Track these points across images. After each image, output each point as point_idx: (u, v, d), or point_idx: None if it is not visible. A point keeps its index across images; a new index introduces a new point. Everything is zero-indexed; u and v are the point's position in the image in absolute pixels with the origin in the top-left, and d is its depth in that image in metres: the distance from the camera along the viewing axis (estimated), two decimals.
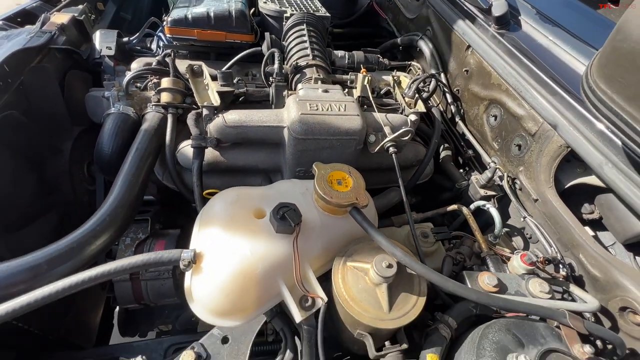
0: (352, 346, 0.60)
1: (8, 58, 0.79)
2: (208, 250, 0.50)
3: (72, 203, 0.95)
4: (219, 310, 0.49)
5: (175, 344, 0.87)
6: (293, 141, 0.71)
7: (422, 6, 1.23)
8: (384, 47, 1.40)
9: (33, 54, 0.87)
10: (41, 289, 0.44)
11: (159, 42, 1.26)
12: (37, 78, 0.85)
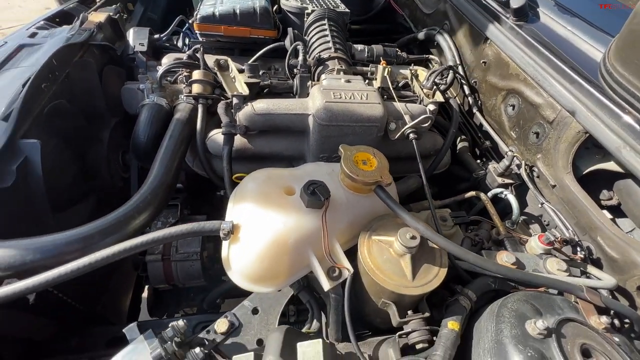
0: (375, 319, 0.64)
1: (56, 52, 0.86)
2: (244, 223, 0.55)
3: (108, 188, 1.02)
4: (255, 276, 0.53)
5: (202, 322, 0.91)
6: (318, 128, 0.75)
7: (439, 1, 1.25)
8: (401, 42, 1.43)
9: (76, 49, 0.94)
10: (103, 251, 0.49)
11: (185, 39, 1.33)
12: (80, 71, 0.92)
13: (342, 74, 0.86)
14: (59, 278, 0.48)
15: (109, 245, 0.62)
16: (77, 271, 0.48)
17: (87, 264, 0.48)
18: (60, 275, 0.48)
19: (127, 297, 1.23)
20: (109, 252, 0.49)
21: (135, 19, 1.47)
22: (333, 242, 0.56)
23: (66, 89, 0.91)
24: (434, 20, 1.29)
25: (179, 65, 0.97)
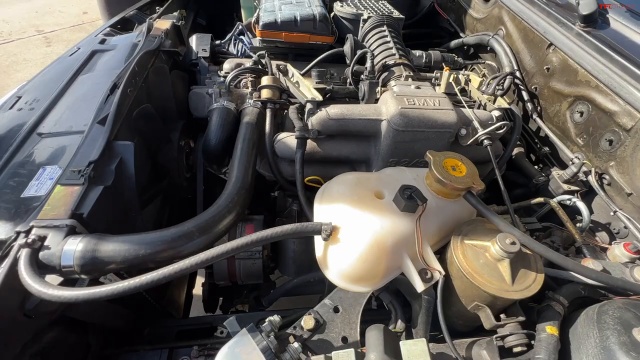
0: (457, 321, 0.65)
1: (138, 59, 0.92)
2: (342, 224, 0.57)
3: (174, 188, 1.07)
4: (354, 276, 0.56)
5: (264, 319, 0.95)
6: (392, 133, 0.77)
7: (492, 6, 1.25)
8: (448, 46, 1.43)
9: (151, 56, 0.99)
10: (220, 247, 0.53)
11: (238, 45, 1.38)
12: (156, 76, 0.97)
13: (411, 80, 0.88)
14: (182, 271, 0.51)
15: (205, 243, 0.67)
16: (196, 265, 0.52)
17: (206, 259, 0.52)
18: (182, 269, 0.51)
19: (183, 292, 1.28)
20: (225, 248, 0.53)
21: (187, 25, 1.53)
22: (425, 245, 0.58)
23: (144, 93, 0.96)
24: (486, 26, 1.29)
25: (246, 71, 1.01)
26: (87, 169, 0.68)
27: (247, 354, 0.56)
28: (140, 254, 0.59)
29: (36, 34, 3.83)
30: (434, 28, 1.66)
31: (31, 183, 0.73)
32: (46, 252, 0.57)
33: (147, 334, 0.91)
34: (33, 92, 0.99)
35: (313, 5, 1.16)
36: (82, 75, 1.06)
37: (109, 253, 0.58)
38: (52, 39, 3.75)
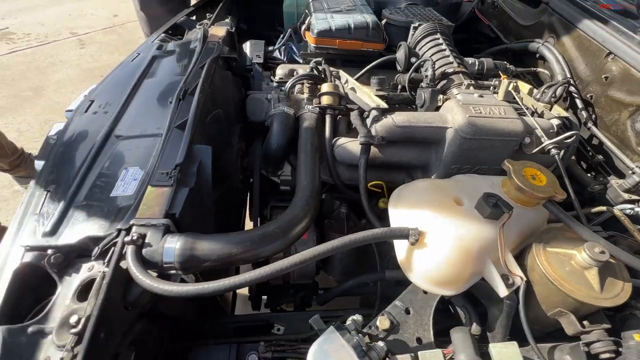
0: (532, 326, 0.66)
1: (208, 66, 0.96)
2: (427, 229, 0.60)
3: (232, 191, 1.11)
4: (440, 280, 0.58)
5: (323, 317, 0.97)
6: (459, 141, 0.79)
7: (542, 14, 1.26)
8: (489, 52, 1.44)
9: (214, 62, 1.04)
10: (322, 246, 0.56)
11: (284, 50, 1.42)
12: (220, 82, 1.01)
13: (472, 88, 0.90)
14: (286, 269, 0.55)
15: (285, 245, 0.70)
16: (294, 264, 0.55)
17: (308, 257, 0.55)
18: (284, 267, 0.54)
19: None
20: (325, 248, 0.56)
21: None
22: (507, 252, 0.60)
23: (209, 98, 1.00)
24: (533, 33, 1.30)
25: (305, 77, 1.05)
26: (175, 171, 0.72)
27: (336, 351, 0.59)
28: (232, 253, 0.63)
29: (70, 36, 3.97)
30: (472, 34, 1.67)
31: (117, 183, 0.78)
32: (149, 249, 0.62)
33: (207, 329, 0.95)
34: (104, 96, 1.05)
35: (365, 13, 1.19)
36: (146, 80, 1.11)
37: (205, 251, 0.62)
38: (85, 40, 3.89)
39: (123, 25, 4.22)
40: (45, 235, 0.69)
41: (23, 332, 0.59)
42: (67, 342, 0.55)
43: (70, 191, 0.76)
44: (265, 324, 0.95)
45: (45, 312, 0.63)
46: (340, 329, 0.61)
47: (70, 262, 0.70)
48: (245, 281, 0.53)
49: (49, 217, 0.72)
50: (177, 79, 1.10)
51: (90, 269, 0.68)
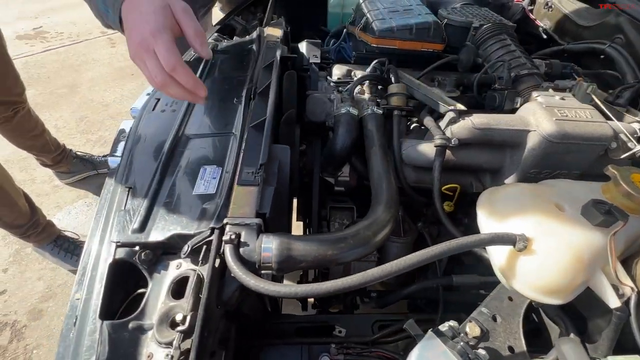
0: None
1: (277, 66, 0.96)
2: (533, 236, 0.58)
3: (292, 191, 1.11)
4: (548, 289, 0.56)
5: (379, 320, 0.96)
6: (544, 144, 0.77)
7: (606, 14, 1.22)
8: (543, 53, 1.40)
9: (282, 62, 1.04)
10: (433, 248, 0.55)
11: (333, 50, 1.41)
12: (287, 82, 1.01)
13: (552, 90, 0.87)
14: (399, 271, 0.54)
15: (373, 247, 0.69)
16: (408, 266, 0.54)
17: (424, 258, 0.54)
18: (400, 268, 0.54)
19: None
20: (436, 251, 0.55)
21: None
22: (617, 261, 0.58)
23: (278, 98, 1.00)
24: (595, 34, 1.26)
25: (369, 78, 1.04)
26: (260, 171, 0.72)
27: (437, 357, 0.58)
28: (327, 254, 0.63)
29: (101, 35, 4.06)
30: (522, 35, 1.63)
31: (197, 182, 0.79)
32: (246, 249, 0.62)
33: (268, 328, 0.95)
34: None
35: (424, 13, 1.17)
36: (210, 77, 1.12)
37: (301, 252, 0.62)
38: (115, 40, 3.97)
39: None
40: (135, 232, 0.70)
41: (125, 328, 0.60)
42: (174, 340, 0.56)
43: (152, 189, 0.77)
44: (326, 325, 0.95)
45: (140, 308, 0.63)
46: (440, 335, 0.60)
47: (158, 259, 0.70)
48: (360, 282, 0.53)
49: (135, 214, 0.73)
50: (238, 78, 1.10)
51: (179, 266, 0.69)
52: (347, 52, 1.35)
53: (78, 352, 0.57)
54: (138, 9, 0.63)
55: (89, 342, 0.57)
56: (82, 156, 2.33)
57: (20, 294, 1.83)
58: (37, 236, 1.80)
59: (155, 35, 0.60)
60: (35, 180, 2.40)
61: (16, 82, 1.73)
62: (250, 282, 0.56)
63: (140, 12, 0.63)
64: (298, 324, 0.97)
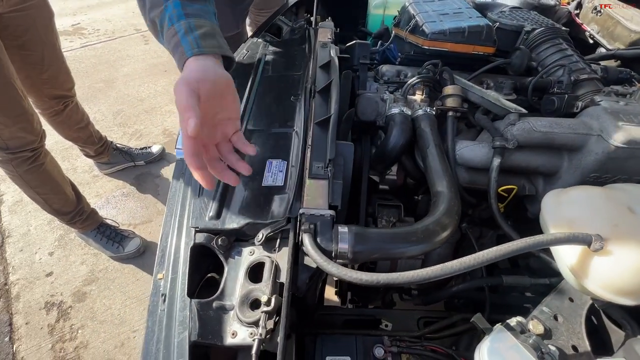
0: None
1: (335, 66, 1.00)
2: (608, 237, 0.59)
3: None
4: (622, 289, 0.58)
5: (424, 317, 0.98)
6: (608, 149, 0.77)
7: None
8: (592, 58, 1.38)
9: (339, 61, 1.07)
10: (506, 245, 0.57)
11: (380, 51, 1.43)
12: (344, 81, 1.05)
13: (614, 95, 0.87)
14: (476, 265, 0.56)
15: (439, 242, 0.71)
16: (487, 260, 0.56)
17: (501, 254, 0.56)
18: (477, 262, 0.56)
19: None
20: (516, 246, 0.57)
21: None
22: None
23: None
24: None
25: (422, 79, 1.06)
26: (330, 165, 0.76)
27: (507, 350, 0.60)
28: (399, 247, 0.65)
29: (135, 32, 4.20)
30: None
31: (265, 174, 0.83)
32: (322, 238, 0.65)
33: (316, 319, 0.98)
34: None
35: (475, 17, 1.18)
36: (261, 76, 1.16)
37: (375, 244, 0.65)
38: (148, 37, 4.10)
39: None
40: (211, 219, 0.75)
41: (210, 307, 0.64)
42: (258, 319, 0.59)
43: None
44: (373, 319, 0.97)
45: (220, 290, 0.68)
46: (510, 329, 0.62)
47: (232, 245, 0.75)
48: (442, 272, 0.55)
49: (210, 202, 0.78)
50: (292, 77, 1.14)
51: (252, 253, 0.73)
52: (393, 53, 1.37)
53: (170, 327, 0.61)
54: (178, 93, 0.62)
55: (181, 317, 0.62)
56: (122, 148, 2.43)
57: (65, 277, 1.93)
58: (82, 223, 1.90)
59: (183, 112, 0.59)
60: (77, 170, 2.51)
61: (67, 77, 1.82)
62: (332, 269, 0.59)
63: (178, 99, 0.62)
64: (346, 316, 1.00)
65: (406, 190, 1.19)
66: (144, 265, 1.98)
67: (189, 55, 0.62)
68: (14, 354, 1.64)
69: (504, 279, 0.95)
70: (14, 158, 1.44)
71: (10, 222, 2.18)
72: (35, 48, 1.50)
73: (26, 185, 1.58)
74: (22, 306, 1.81)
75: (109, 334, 1.71)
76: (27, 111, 1.38)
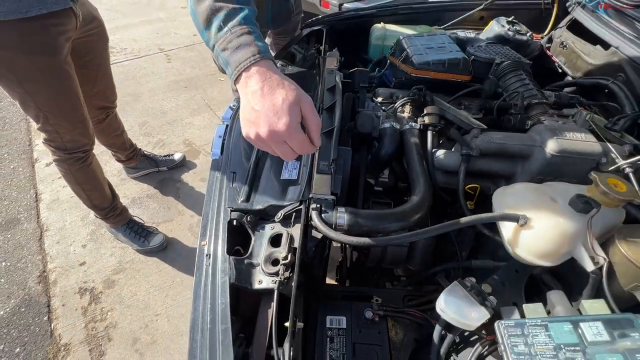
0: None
1: (339, 88, 1.26)
2: (532, 217, 0.82)
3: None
4: (541, 253, 0.80)
5: (408, 295, 1.19)
6: (546, 157, 1.01)
7: (612, 55, 1.45)
8: (558, 85, 1.64)
9: (342, 85, 1.34)
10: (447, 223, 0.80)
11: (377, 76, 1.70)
12: (346, 101, 1.31)
13: (556, 116, 1.12)
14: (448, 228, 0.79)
15: (414, 222, 0.95)
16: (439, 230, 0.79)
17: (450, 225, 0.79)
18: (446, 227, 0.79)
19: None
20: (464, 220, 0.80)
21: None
22: (592, 238, 0.81)
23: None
24: (602, 71, 1.49)
25: (409, 100, 1.31)
26: (332, 164, 1.00)
27: (459, 298, 0.82)
28: (381, 223, 0.89)
29: (159, 51, 4.59)
30: (539, 68, 1.87)
31: (283, 170, 1.08)
32: (326, 215, 0.89)
33: (319, 294, 1.20)
34: None
35: (454, 51, 1.45)
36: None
37: (364, 220, 0.88)
38: (171, 56, 4.48)
39: (202, 44, 4.81)
40: (242, 202, 0.99)
41: (242, 263, 0.88)
42: (278, 270, 0.83)
43: (250, 174, 1.07)
44: (365, 295, 1.19)
45: (249, 252, 0.91)
46: (463, 285, 0.84)
47: (257, 222, 0.99)
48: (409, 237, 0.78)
49: (241, 189, 1.03)
50: None
51: (272, 228, 0.97)
52: (388, 78, 1.64)
53: (215, 275, 0.85)
54: (270, 99, 0.63)
55: (223, 267, 0.86)
56: (148, 155, 2.71)
57: (96, 266, 2.17)
58: (114, 218, 2.15)
59: (290, 133, 0.64)
60: (107, 173, 2.78)
61: (112, 91, 2.13)
62: (332, 235, 0.83)
63: (273, 104, 0.63)
64: (343, 292, 1.22)
65: (397, 192, 1.43)
66: (166, 258, 2.21)
67: (265, 56, 0.66)
68: (52, 331, 1.87)
69: (473, 262, 1.17)
70: (69, 158, 1.72)
71: (48, 218, 2.45)
72: (92, 67, 1.81)
73: (74, 182, 1.85)
74: (59, 290, 2.04)
75: (134, 316, 1.93)
76: (85, 118, 1.66)
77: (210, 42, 0.72)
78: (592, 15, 1.69)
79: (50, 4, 1.29)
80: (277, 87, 0.64)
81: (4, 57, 1.28)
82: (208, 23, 0.69)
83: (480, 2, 2.09)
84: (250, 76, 0.65)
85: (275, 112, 0.63)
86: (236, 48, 0.66)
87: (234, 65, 0.67)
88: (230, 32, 0.68)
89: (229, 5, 0.69)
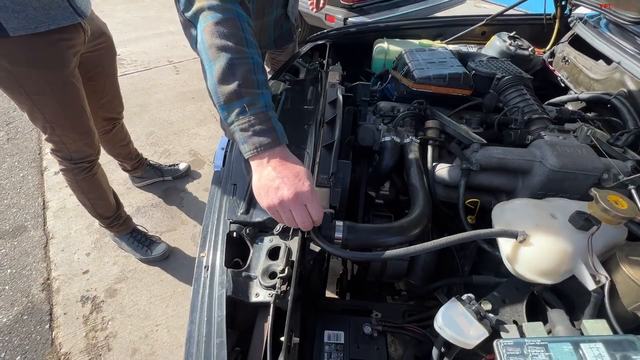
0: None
1: (340, 102, 1.28)
2: (531, 233, 0.81)
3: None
4: (541, 271, 0.79)
5: (408, 310, 1.18)
6: (547, 172, 1.00)
7: (614, 70, 1.45)
8: (560, 100, 1.64)
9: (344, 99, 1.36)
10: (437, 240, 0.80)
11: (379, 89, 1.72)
12: (347, 115, 1.32)
13: (557, 131, 1.12)
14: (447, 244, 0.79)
15: (413, 236, 0.94)
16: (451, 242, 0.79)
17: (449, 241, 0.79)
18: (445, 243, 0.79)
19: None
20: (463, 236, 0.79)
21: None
22: (594, 256, 0.79)
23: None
24: (605, 86, 1.49)
25: (409, 114, 1.33)
26: (332, 177, 1.01)
27: (457, 316, 0.81)
28: (378, 237, 0.89)
29: (168, 63, 4.70)
30: (542, 83, 1.88)
31: None
32: (324, 229, 0.89)
33: (319, 307, 1.19)
34: None
35: (455, 65, 1.47)
36: (282, 108, 1.45)
37: (361, 234, 0.88)
38: (180, 68, 4.58)
39: None
40: (242, 213, 1.00)
41: (240, 275, 0.88)
42: (275, 284, 0.83)
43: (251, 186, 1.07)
44: (365, 309, 1.18)
45: (247, 264, 0.92)
46: (460, 301, 0.83)
47: (256, 234, 0.99)
48: (406, 253, 0.78)
49: (241, 201, 1.04)
50: (306, 110, 1.43)
51: (271, 240, 0.97)
52: (390, 91, 1.66)
53: (212, 287, 0.85)
54: (291, 169, 0.75)
55: (220, 279, 0.86)
56: (154, 165, 2.75)
57: (99, 275, 2.18)
58: (118, 227, 2.18)
59: (313, 195, 0.76)
60: (112, 182, 2.83)
61: (119, 103, 2.18)
62: (329, 249, 0.83)
63: (293, 173, 0.75)
64: (343, 306, 1.21)
65: (399, 205, 1.43)
66: (167, 268, 2.22)
67: (283, 142, 0.79)
68: (53, 340, 1.87)
69: (474, 278, 1.15)
70: (75, 167, 1.75)
71: (54, 226, 2.49)
72: (99, 80, 1.86)
73: (80, 191, 1.89)
74: (61, 298, 2.06)
75: (135, 326, 1.93)
76: (91, 129, 1.70)
77: (229, 119, 0.79)
78: (594, 30, 1.70)
79: (59, 20, 1.34)
80: (293, 163, 0.78)
81: (13, 71, 1.33)
82: (230, 104, 0.77)
83: (482, 17, 2.12)
84: (268, 156, 0.77)
85: (299, 178, 0.75)
86: (257, 131, 0.76)
87: (252, 145, 0.77)
88: (252, 116, 0.76)
89: (252, 91, 0.77)
